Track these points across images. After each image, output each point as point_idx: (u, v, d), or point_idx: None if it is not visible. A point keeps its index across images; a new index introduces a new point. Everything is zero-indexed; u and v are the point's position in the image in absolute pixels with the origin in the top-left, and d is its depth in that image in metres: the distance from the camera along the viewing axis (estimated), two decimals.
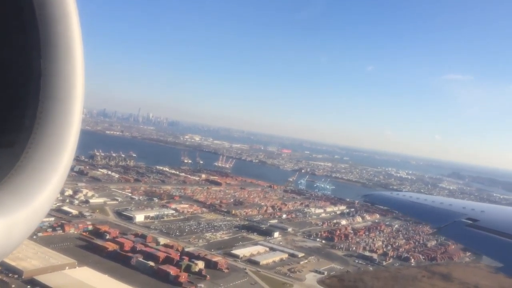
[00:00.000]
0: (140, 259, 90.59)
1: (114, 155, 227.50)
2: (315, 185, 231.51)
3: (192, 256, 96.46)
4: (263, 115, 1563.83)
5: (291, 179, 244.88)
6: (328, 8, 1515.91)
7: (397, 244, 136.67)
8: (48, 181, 3.32)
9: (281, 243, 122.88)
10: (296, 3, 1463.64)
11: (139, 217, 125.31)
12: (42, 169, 3.35)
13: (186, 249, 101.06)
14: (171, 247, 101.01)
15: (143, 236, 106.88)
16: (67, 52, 3.65)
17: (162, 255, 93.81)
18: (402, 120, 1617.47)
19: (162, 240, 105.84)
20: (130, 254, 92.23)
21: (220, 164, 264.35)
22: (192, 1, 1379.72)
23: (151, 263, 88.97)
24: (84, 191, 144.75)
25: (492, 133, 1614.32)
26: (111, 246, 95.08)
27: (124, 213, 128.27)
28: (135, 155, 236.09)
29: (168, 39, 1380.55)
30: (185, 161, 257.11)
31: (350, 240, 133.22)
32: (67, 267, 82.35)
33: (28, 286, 74.02)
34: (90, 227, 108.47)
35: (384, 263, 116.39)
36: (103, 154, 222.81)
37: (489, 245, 11.25)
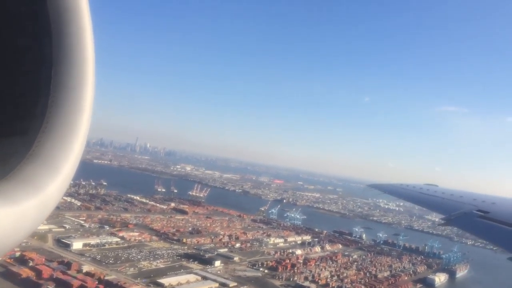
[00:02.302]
0: (51, 287, 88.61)
1: (83, 183, 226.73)
2: (285, 215, 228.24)
3: (110, 285, 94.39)
4: (262, 146, 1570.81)
5: (262, 209, 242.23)
6: (324, 40, 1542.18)
7: (345, 274, 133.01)
8: (60, 169, 3.28)
9: (219, 272, 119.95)
10: (292, 35, 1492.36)
11: (77, 245, 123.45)
12: (54, 157, 3.31)
13: (107, 277, 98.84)
14: (93, 275, 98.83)
15: (68, 264, 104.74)
16: (78, 40, 3.62)
17: (76, 283, 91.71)
18: (401, 151, 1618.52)
19: (87, 268, 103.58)
20: (42, 282, 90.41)
21: (194, 193, 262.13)
22: (193, 33, 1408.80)
23: None
24: None
25: (489, 163, 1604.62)
26: (25, 273, 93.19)
27: (63, 240, 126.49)
28: (105, 183, 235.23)
29: (168, 69, 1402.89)
30: (159, 189, 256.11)
31: (296, 270, 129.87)
32: None
33: None
34: (18, 254, 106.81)
35: None
36: (72, 182, 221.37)
37: (500, 236, 11.09)
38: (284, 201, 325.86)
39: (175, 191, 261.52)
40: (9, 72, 3.71)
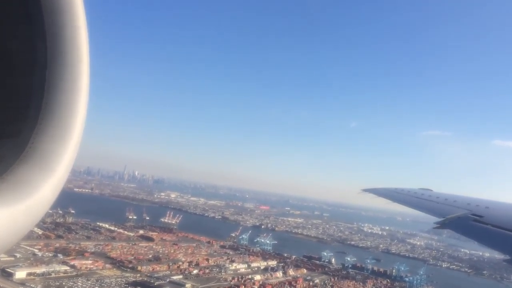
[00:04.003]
0: None
1: (50, 211, 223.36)
2: (255, 240, 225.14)
3: None
4: (252, 172, 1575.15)
5: (233, 234, 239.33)
6: (309, 66, 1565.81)
7: None
8: (53, 172, 3.27)
9: None
10: (277, 61, 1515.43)
11: (20, 274, 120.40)
12: (47, 160, 3.30)
13: None
14: None
15: None
16: (73, 43, 3.62)
17: None
18: (389, 176, 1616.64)
19: None
20: None
21: (166, 220, 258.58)
22: (181, 60, 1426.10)
23: None
24: None
25: (475, 186, 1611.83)
26: None
27: (7, 269, 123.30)
28: (73, 212, 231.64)
29: (156, 95, 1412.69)
30: (130, 217, 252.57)
31: None
32: None
33: None
34: None
35: None
36: None
37: (494, 239, 11.15)
38: (263, 226, 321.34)
39: (147, 218, 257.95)
40: (2, 74, 3.67)
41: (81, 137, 3.62)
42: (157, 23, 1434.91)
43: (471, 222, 12.01)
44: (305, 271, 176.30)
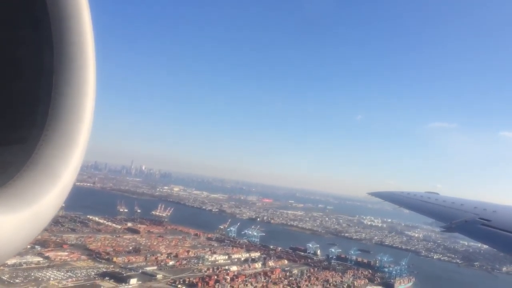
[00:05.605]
0: None
1: None
2: (242, 233, 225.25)
3: None
4: (260, 166, 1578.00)
5: (222, 227, 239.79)
6: (314, 59, 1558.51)
7: None
8: (60, 178, 3.26)
9: None
10: (284, 55, 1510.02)
11: None
12: (53, 166, 3.29)
13: None
14: None
15: None
16: (79, 49, 3.63)
17: None
18: (396, 168, 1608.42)
19: None
20: None
21: (158, 213, 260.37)
22: (188, 57, 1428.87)
23: None
24: None
25: (484, 178, 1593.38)
26: None
27: None
28: (63, 205, 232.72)
29: (164, 91, 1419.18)
30: (121, 210, 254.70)
31: (217, 286, 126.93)
32: None
33: None
34: None
35: None
36: None
37: (503, 243, 11.48)
38: (258, 219, 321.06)
39: (138, 211, 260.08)
40: (9, 80, 3.66)
41: (87, 143, 3.58)
42: (163, 24, 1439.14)
43: (479, 226, 12.08)
44: (286, 262, 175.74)
